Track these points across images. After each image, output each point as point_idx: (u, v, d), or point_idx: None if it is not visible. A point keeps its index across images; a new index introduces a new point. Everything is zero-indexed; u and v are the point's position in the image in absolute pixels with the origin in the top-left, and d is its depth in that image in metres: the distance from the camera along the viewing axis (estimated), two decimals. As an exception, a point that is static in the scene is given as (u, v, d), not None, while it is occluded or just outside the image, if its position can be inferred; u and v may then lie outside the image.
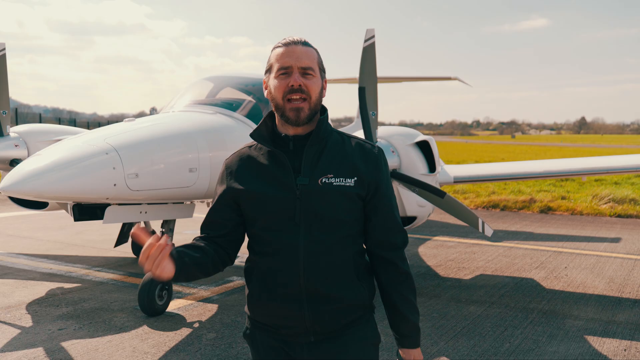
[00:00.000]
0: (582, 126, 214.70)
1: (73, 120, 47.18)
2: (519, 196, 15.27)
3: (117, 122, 6.31)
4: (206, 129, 5.73)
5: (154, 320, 5.56)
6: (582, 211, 13.69)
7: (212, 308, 5.94)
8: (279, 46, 2.22)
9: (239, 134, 6.14)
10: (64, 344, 4.89)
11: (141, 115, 8.84)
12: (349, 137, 2.32)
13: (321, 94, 2.24)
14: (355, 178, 2.19)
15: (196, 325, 5.44)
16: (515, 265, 8.13)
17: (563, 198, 15.26)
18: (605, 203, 14.21)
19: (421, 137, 6.49)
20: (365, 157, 2.25)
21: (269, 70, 2.25)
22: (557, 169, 8.19)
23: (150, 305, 5.57)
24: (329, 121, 2.36)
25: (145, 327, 5.35)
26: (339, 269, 2.19)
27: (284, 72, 2.17)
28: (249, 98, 6.91)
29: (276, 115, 2.25)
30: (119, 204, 5.26)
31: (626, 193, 15.21)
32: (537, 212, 13.98)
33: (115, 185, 4.76)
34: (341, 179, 2.18)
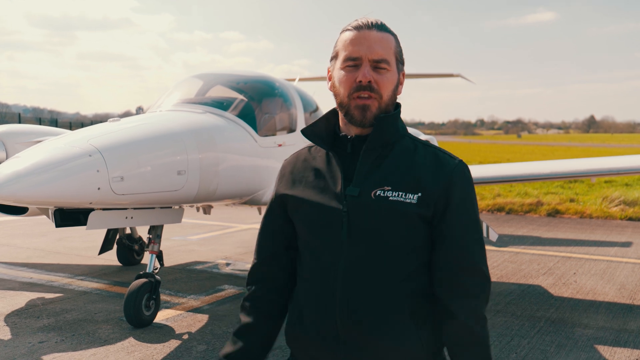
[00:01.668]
0: (591, 125, 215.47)
1: (54, 120, 47.17)
2: (525, 199, 15.30)
3: (101, 122, 6.30)
4: (195, 129, 5.73)
5: (140, 331, 5.54)
6: (591, 214, 13.73)
7: (203, 318, 5.93)
8: (349, 29, 1.93)
9: (230, 135, 6.14)
10: (45, 358, 4.87)
11: (127, 114, 8.85)
12: (425, 145, 1.97)
13: (395, 92, 1.95)
14: (419, 194, 1.84)
15: (186, 336, 5.43)
16: (522, 272, 8.14)
17: (572, 200, 15.31)
18: (616, 205, 14.24)
19: (422, 137, 6.51)
20: (436, 170, 1.88)
21: (334, 58, 1.97)
22: (565, 170, 8.21)
23: (137, 315, 5.55)
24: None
25: (131, 339, 5.34)
26: (389, 311, 1.85)
27: (352, 63, 1.89)
28: (241, 97, 6.91)
29: (339, 113, 1.99)
30: (103, 209, 5.25)
31: (637, 195, 15.25)
32: (544, 215, 14.01)
33: (99, 189, 4.75)
34: (400, 193, 1.84)
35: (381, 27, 1.92)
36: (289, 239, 2.08)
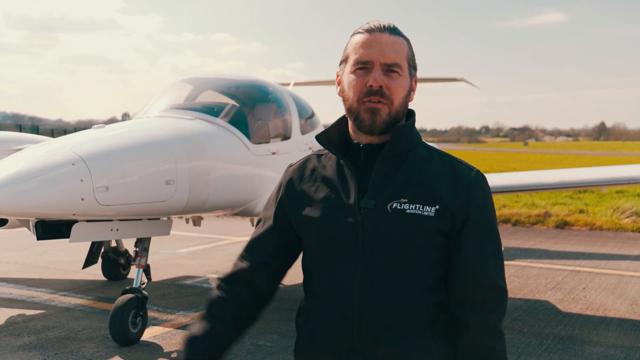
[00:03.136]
0: (601, 132, 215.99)
1: (36, 127, 47.14)
2: (532, 210, 15.33)
3: (85, 129, 6.31)
4: (185, 136, 5.74)
5: (127, 350, 5.53)
6: (602, 226, 13.75)
7: (192, 336, 5.92)
8: (360, 32, 1.94)
9: (221, 142, 6.16)
10: (26, 378, 4.86)
11: (112, 121, 8.87)
12: (441, 154, 2.00)
13: (407, 98, 1.96)
14: (437, 207, 1.87)
15: (174, 355, 5.43)
16: (529, 286, 8.15)
17: (581, 212, 15.33)
18: (628, 217, 14.27)
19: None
20: (454, 182, 1.91)
21: (344, 62, 1.98)
22: (574, 180, 8.24)
23: (123, 333, 5.54)
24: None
25: (117, 358, 5.33)
26: (408, 325, 1.89)
27: (363, 67, 1.90)
28: (233, 102, 6.93)
29: (349, 119, 1.99)
30: (87, 221, 5.25)
31: (650, 206, 15.27)
32: (552, 227, 14.03)
33: (83, 199, 4.75)
34: (417, 206, 1.87)
35: (394, 31, 1.93)
36: (286, 251, 2.10)
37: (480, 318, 1.90)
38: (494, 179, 8.68)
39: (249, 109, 6.95)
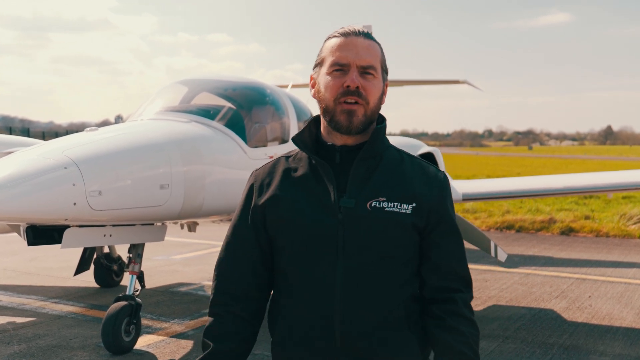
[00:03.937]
0: (608, 136, 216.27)
1: (26, 129, 47.19)
2: (536, 216, 15.33)
3: (77, 132, 6.31)
4: (180, 139, 5.74)
5: (119, 359, 5.53)
6: (608, 233, 13.76)
7: (187, 345, 5.93)
8: (336, 36, 2.07)
9: (217, 146, 6.16)
10: (15, 387, 4.85)
11: (105, 124, 8.87)
12: (409, 156, 2.18)
13: (380, 100, 2.09)
14: (414, 204, 2.03)
15: (168, 364, 5.43)
16: (533, 295, 8.15)
17: (587, 218, 15.34)
18: (635, 223, 14.28)
19: (425, 148, 6.55)
20: (427, 181, 2.10)
21: (319, 65, 2.11)
22: (579, 185, 8.26)
23: (116, 341, 5.54)
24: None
25: (109, 368, 5.33)
26: (387, 318, 2.02)
27: (339, 69, 2.02)
28: (229, 104, 6.94)
29: (322, 120, 2.12)
30: (80, 226, 5.25)
31: (658, 212, 15.27)
32: (557, 233, 14.04)
33: (75, 204, 4.75)
34: (395, 204, 2.02)
35: (367, 35, 2.08)
36: (267, 262, 2.16)
37: (457, 295, 2.09)
38: (497, 184, 8.70)
39: (246, 112, 6.95)
